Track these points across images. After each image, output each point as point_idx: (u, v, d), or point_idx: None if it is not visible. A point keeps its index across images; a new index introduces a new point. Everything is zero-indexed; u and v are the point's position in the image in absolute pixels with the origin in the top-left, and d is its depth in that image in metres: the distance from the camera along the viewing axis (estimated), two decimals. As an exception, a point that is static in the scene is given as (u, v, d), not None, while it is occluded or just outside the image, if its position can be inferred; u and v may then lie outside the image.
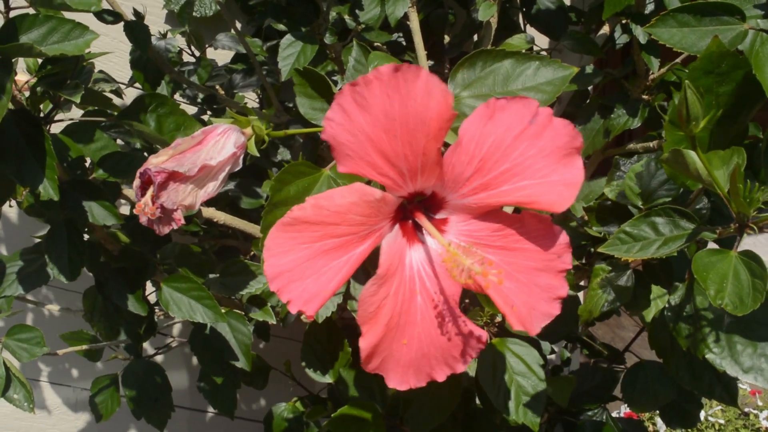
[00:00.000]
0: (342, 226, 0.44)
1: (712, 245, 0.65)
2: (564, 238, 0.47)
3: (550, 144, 0.44)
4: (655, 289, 0.75)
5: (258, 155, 0.57)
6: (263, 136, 0.58)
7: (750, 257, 0.53)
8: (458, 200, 0.48)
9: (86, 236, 0.88)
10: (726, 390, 0.77)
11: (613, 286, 0.71)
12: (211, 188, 0.52)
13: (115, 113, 0.83)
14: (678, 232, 0.57)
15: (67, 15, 0.65)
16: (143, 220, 0.50)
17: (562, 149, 0.44)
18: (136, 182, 0.50)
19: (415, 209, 0.49)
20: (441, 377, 0.47)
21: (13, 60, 0.62)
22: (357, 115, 0.42)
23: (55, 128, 0.82)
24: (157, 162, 0.50)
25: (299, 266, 0.43)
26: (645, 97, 1.05)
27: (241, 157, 0.55)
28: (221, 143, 0.53)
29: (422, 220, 0.48)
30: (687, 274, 0.68)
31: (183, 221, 0.50)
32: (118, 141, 0.97)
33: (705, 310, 0.63)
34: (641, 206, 0.69)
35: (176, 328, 1.46)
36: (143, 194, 0.49)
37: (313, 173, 0.56)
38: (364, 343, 0.45)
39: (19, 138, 0.67)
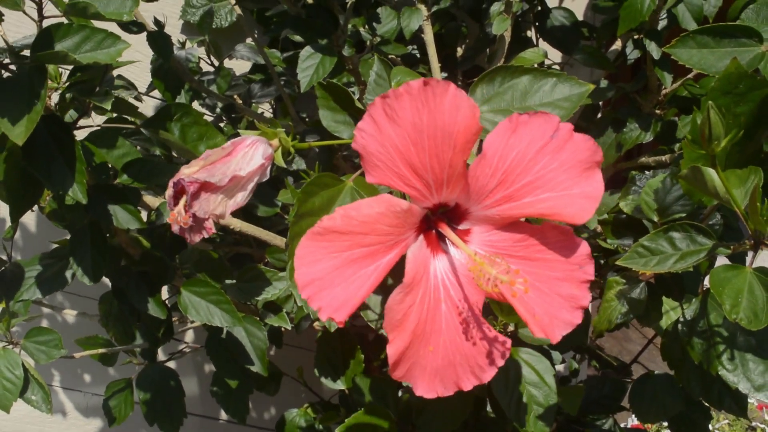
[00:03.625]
0: (370, 236, 0.45)
1: (721, 259, 0.66)
2: (585, 248, 0.48)
3: (571, 158, 0.46)
4: (667, 302, 0.77)
5: (285, 166, 0.58)
6: (289, 148, 0.60)
7: (765, 273, 0.55)
8: (481, 211, 0.49)
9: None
10: (735, 402, 0.78)
11: (627, 299, 0.72)
12: (240, 198, 0.54)
13: (137, 121, 0.85)
14: (695, 247, 0.58)
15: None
16: (175, 228, 0.51)
17: (583, 163, 0.46)
18: (169, 192, 0.51)
19: (439, 220, 0.50)
20: (467, 386, 0.48)
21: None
22: (387, 126, 0.43)
23: (79, 136, 0.84)
24: (189, 172, 0.51)
25: (329, 274, 0.44)
26: (657, 111, 1.06)
27: (269, 167, 0.56)
28: (250, 154, 0.55)
29: (446, 230, 0.49)
30: (700, 289, 0.69)
31: (213, 230, 0.52)
32: (138, 148, 0.99)
33: (719, 326, 0.64)
34: (656, 221, 0.70)
35: (189, 335, 1.48)
36: (176, 203, 0.51)
37: (337, 185, 0.57)
38: (392, 350, 0.46)
39: (49, 142, 0.68)
